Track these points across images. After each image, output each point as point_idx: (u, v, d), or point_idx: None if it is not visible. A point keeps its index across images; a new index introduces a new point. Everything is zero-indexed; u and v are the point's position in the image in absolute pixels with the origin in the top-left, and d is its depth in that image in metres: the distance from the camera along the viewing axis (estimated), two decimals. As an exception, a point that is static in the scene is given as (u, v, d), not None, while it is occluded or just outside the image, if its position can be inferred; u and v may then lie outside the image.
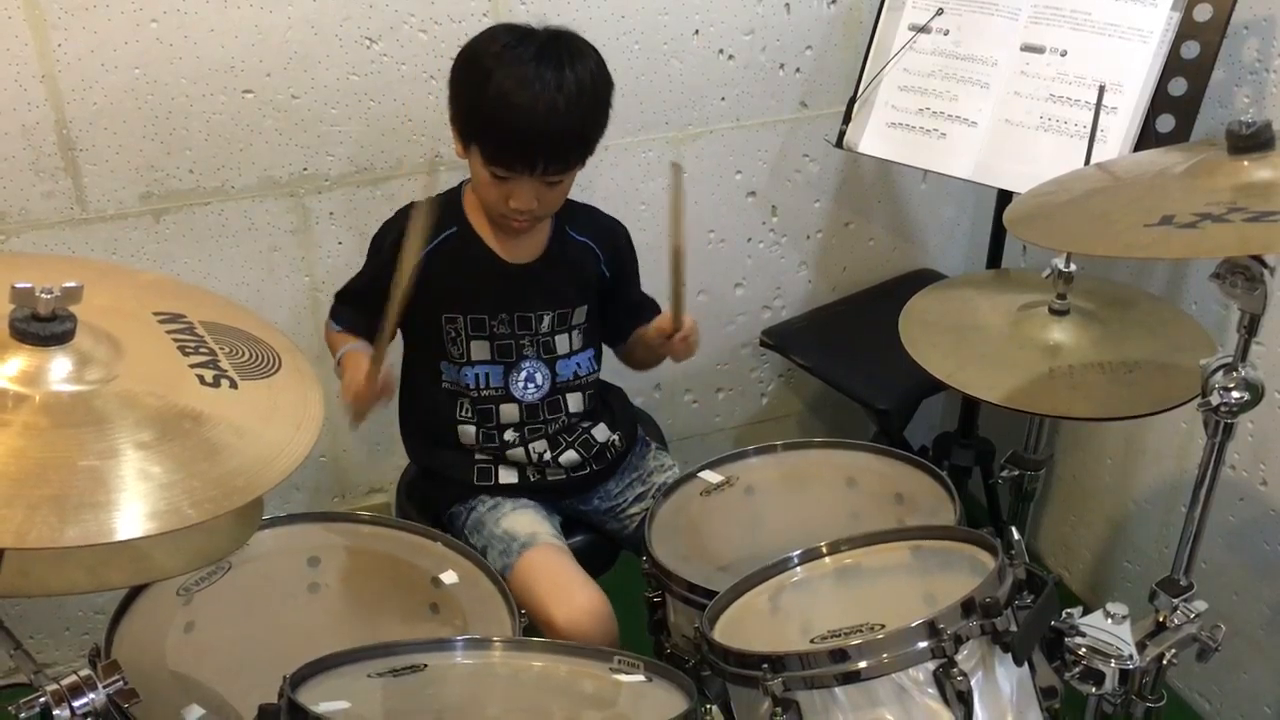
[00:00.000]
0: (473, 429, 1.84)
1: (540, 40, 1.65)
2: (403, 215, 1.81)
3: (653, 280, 1.96)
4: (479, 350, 1.81)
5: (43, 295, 1.03)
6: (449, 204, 1.80)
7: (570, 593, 1.70)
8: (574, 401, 1.87)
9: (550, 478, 1.87)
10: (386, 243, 1.79)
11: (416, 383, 1.87)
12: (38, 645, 2.24)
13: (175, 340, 1.18)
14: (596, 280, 1.89)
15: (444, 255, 1.77)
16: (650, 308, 1.96)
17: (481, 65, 1.64)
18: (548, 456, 1.86)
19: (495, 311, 1.80)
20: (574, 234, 1.85)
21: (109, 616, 1.48)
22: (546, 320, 1.82)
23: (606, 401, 1.95)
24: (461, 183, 1.84)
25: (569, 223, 1.84)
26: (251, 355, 1.20)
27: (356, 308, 1.85)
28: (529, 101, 1.60)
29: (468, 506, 1.86)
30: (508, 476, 1.85)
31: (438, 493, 1.91)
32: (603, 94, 1.70)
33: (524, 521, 1.81)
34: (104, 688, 1.14)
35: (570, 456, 1.87)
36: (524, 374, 1.83)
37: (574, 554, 1.82)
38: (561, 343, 1.85)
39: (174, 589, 1.53)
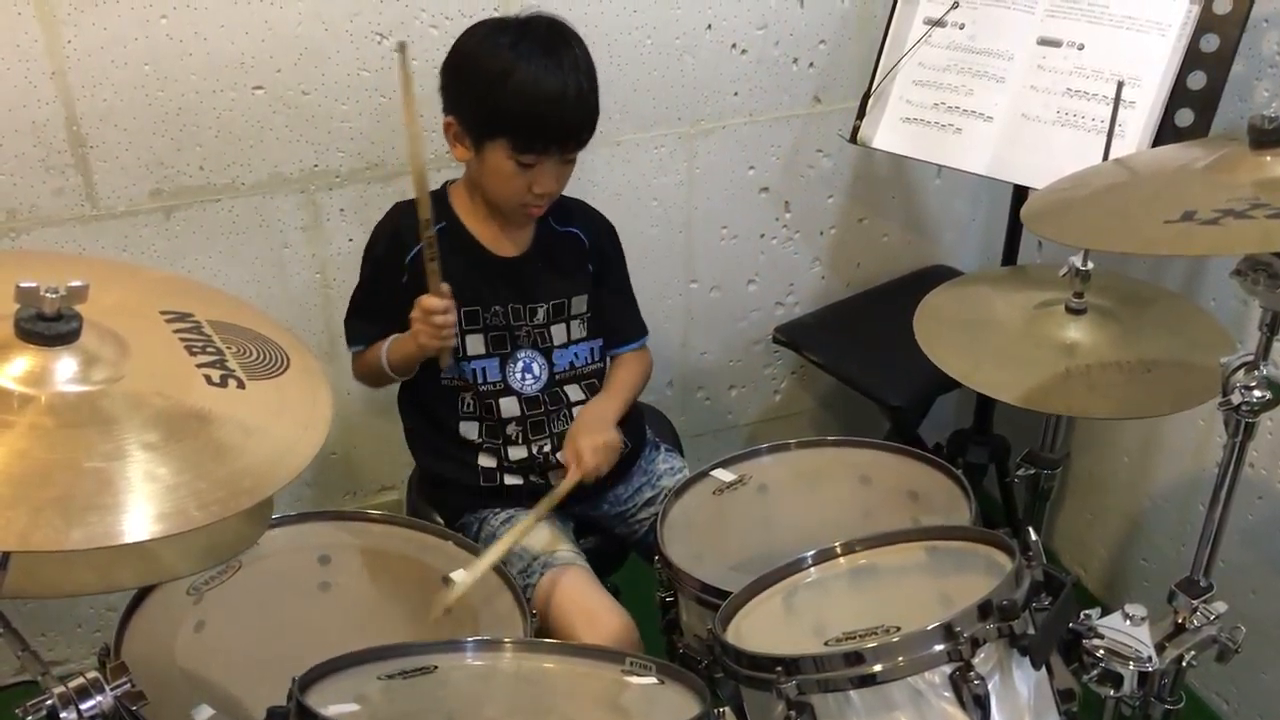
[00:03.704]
0: (475, 424, 1.83)
1: (540, 29, 1.69)
2: (391, 217, 1.83)
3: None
4: (474, 344, 1.80)
5: (48, 294, 1.02)
6: (435, 202, 1.77)
7: (599, 618, 1.69)
8: (574, 393, 1.86)
9: (555, 483, 1.84)
10: (380, 245, 1.81)
11: (417, 382, 1.85)
12: (50, 643, 2.24)
13: (182, 340, 1.17)
14: (587, 270, 1.89)
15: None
16: (631, 325, 1.95)
17: (493, 64, 1.65)
18: (549, 448, 1.83)
19: (489, 304, 1.80)
20: (558, 225, 1.86)
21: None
22: (541, 312, 1.83)
23: None
24: (446, 183, 1.84)
25: (552, 215, 1.84)
26: (259, 355, 1.19)
27: (371, 319, 1.84)
28: (559, 87, 1.65)
29: (478, 517, 1.85)
30: (512, 480, 1.84)
31: (446, 500, 1.90)
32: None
33: (540, 536, 1.79)
34: (111, 690, 1.13)
35: None
36: (520, 364, 1.82)
37: (585, 556, 1.81)
38: (558, 333, 1.85)
39: (185, 588, 1.53)
